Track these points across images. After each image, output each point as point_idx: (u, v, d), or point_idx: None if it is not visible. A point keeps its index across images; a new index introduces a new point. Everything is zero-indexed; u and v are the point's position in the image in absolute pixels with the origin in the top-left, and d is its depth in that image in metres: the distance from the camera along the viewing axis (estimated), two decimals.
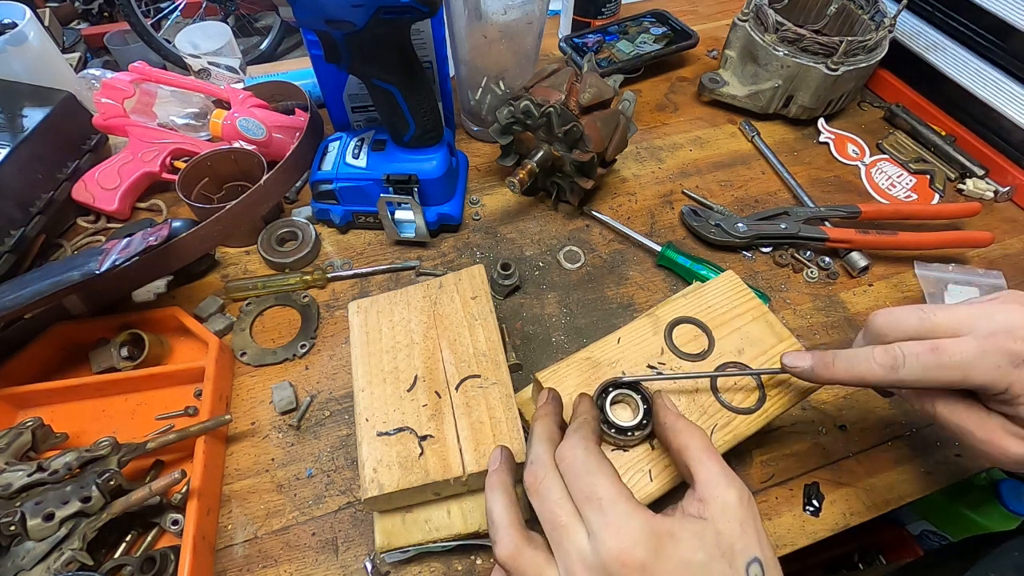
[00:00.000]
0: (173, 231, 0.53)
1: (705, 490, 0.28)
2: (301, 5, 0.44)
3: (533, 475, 0.30)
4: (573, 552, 0.27)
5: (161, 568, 0.39)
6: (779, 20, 0.67)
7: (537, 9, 0.58)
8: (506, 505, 0.31)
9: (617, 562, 0.26)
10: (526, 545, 0.29)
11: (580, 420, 0.33)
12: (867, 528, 0.46)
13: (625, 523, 0.26)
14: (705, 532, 0.27)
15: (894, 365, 0.32)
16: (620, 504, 0.27)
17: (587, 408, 0.34)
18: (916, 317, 0.33)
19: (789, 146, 0.72)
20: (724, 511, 0.27)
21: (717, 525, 0.27)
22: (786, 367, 0.36)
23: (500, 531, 0.30)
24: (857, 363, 0.33)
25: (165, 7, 2.21)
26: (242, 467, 0.47)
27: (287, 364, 0.52)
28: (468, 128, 0.72)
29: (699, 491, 0.29)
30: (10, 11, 0.65)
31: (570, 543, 0.27)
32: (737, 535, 0.27)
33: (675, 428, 0.32)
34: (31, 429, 0.44)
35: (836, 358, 0.34)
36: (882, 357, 0.32)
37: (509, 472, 0.34)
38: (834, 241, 0.59)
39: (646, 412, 0.36)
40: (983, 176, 0.68)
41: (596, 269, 0.59)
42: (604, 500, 0.27)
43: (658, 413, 0.34)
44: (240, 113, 0.62)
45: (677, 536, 0.27)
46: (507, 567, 0.29)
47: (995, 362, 0.30)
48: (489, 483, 0.33)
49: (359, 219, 0.61)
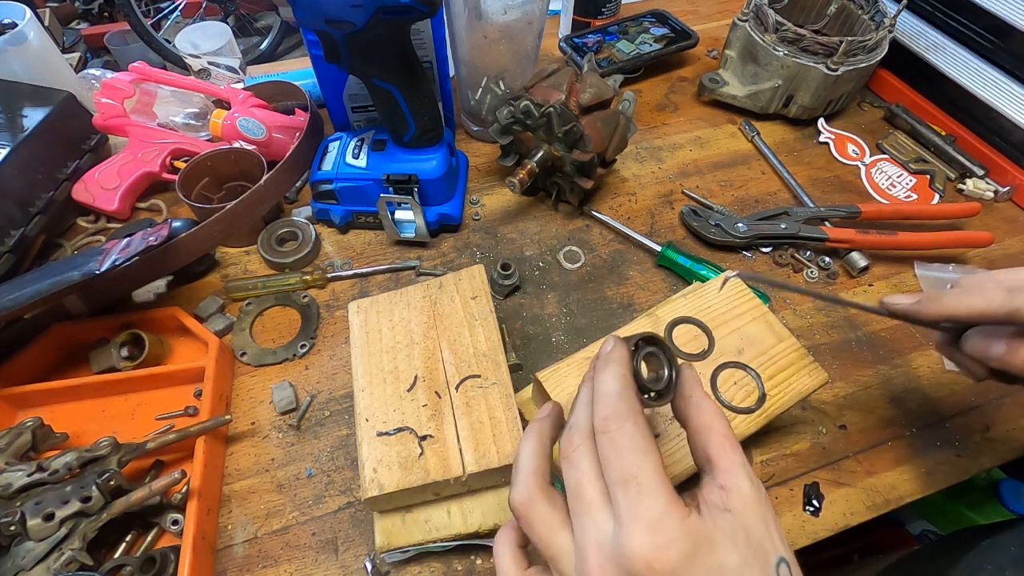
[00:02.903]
0: (173, 231, 0.53)
1: (727, 478, 0.26)
2: (301, 5, 0.44)
3: (570, 441, 0.27)
4: (592, 533, 0.24)
5: (161, 568, 0.39)
6: (779, 20, 0.67)
7: (537, 9, 0.58)
8: (535, 452, 0.29)
9: (644, 561, 0.23)
10: (543, 499, 0.27)
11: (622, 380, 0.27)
12: (867, 528, 0.46)
13: (661, 518, 0.23)
14: (736, 531, 0.24)
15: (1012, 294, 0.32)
16: (660, 495, 0.24)
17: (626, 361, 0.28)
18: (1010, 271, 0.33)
19: (789, 146, 0.72)
20: (746, 504, 0.25)
21: (744, 521, 0.25)
22: (888, 306, 0.36)
23: (520, 475, 0.28)
24: (970, 294, 0.33)
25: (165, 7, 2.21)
26: (242, 467, 0.47)
27: (287, 364, 0.52)
28: (468, 128, 0.72)
29: (720, 478, 0.26)
30: (10, 11, 0.65)
31: (592, 523, 0.25)
32: (764, 534, 0.25)
33: (700, 405, 0.28)
34: (31, 429, 0.44)
35: (945, 295, 0.34)
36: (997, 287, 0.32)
37: (553, 426, 0.31)
38: (834, 241, 0.59)
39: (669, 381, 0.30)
40: (983, 176, 0.68)
41: (596, 269, 0.59)
42: (644, 486, 0.24)
43: (684, 384, 0.29)
44: (240, 113, 0.62)
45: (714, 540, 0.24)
46: (517, 514, 0.28)
47: None
48: (527, 430, 0.30)
49: (359, 219, 0.61)
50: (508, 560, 0.29)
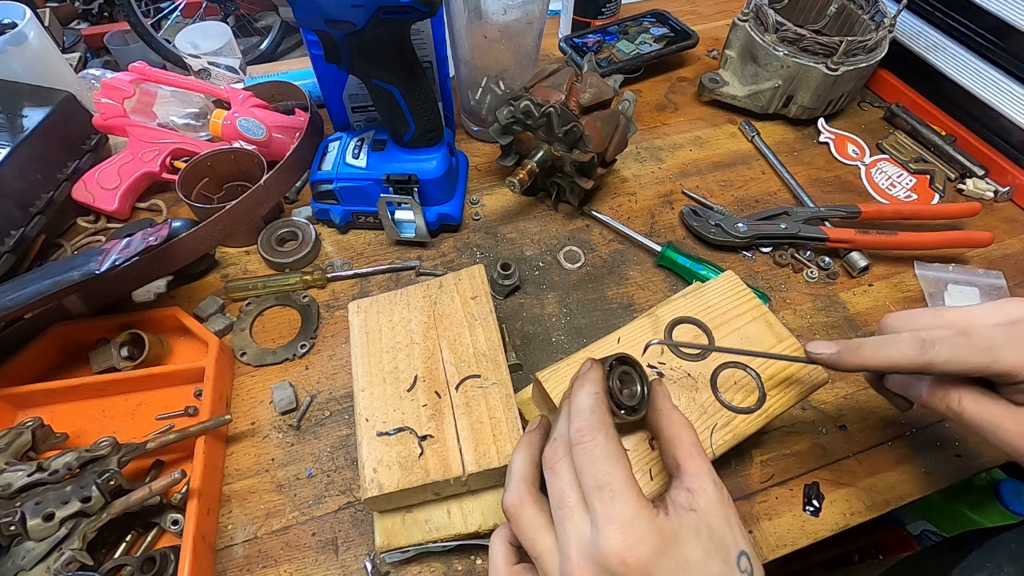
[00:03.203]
0: (173, 231, 0.53)
1: (693, 481, 0.29)
2: (301, 5, 0.44)
3: (554, 452, 0.30)
4: (573, 536, 0.27)
5: (161, 568, 0.39)
6: (779, 20, 0.67)
7: (537, 9, 0.58)
8: (526, 461, 0.32)
9: (618, 558, 0.25)
10: (532, 502, 0.30)
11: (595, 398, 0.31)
12: (867, 528, 0.46)
13: (632, 520, 0.26)
14: (700, 528, 0.27)
15: (924, 347, 0.32)
16: (630, 499, 0.27)
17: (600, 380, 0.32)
18: (930, 314, 0.34)
19: (789, 146, 0.72)
20: (710, 504, 0.28)
21: (708, 520, 0.28)
22: (811, 355, 0.36)
23: (512, 481, 0.31)
24: (885, 346, 0.33)
25: (165, 7, 2.21)
26: (242, 467, 0.47)
27: (287, 364, 0.52)
28: (468, 128, 0.72)
29: (687, 481, 0.29)
30: (10, 11, 0.65)
31: (572, 527, 0.27)
32: (726, 530, 0.28)
33: (671, 417, 0.32)
34: (31, 429, 0.44)
35: (863, 344, 0.34)
36: (911, 340, 0.32)
37: (542, 437, 0.34)
38: (834, 241, 0.59)
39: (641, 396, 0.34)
40: (983, 176, 0.68)
41: (596, 269, 0.59)
42: (616, 492, 0.27)
43: (656, 399, 0.34)
44: (240, 113, 0.62)
45: (680, 537, 0.27)
46: (508, 515, 0.31)
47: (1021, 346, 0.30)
48: (519, 441, 0.34)
49: (359, 219, 0.61)
50: (500, 556, 0.32)
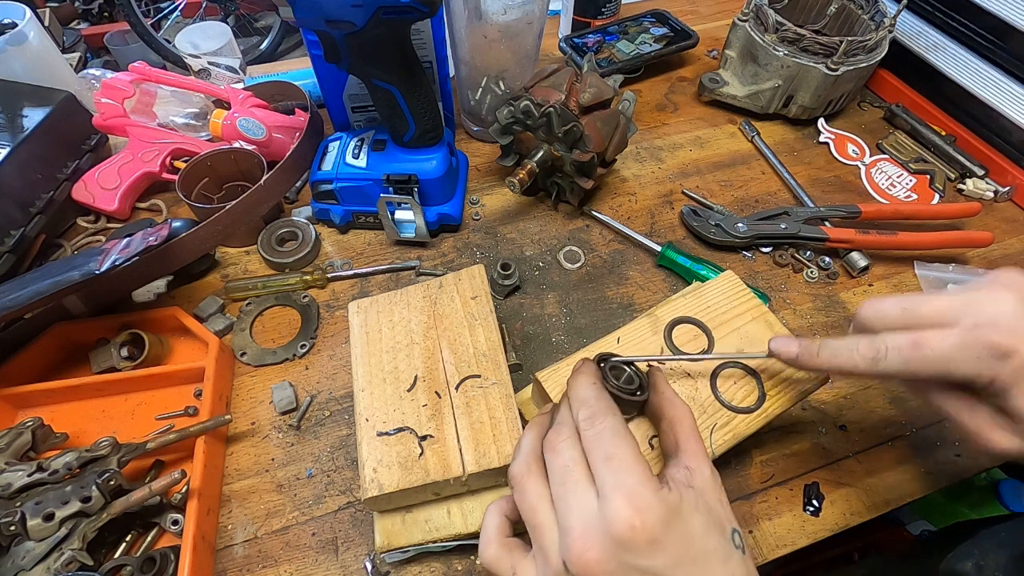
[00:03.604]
0: (173, 231, 0.53)
1: (692, 460, 0.30)
2: (301, 5, 0.44)
3: (558, 433, 0.30)
4: (576, 508, 0.27)
5: (161, 568, 0.39)
6: (779, 20, 0.67)
7: (537, 9, 0.58)
8: (536, 436, 0.32)
9: (626, 524, 0.25)
10: (539, 473, 0.30)
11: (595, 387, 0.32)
12: (867, 528, 0.46)
13: (640, 489, 0.26)
14: (699, 504, 0.28)
15: (875, 357, 0.32)
16: (638, 470, 0.27)
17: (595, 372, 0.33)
18: (899, 308, 0.33)
19: (789, 146, 0.72)
20: (706, 483, 0.29)
21: (705, 497, 0.29)
22: (772, 351, 0.37)
23: (521, 452, 0.32)
24: (840, 353, 0.34)
25: (165, 7, 2.21)
26: (242, 467, 0.47)
27: (287, 364, 0.52)
28: (468, 128, 0.72)
29: (685, 460, 0.30)
30: (10, 11, 0.65)
31: (576, 500, 0.27)
32: (720, 509, 0.29)
33: (673, 400, 0.33)
34: (31, 429, 0.44)
35: (822, 347, 0.34)
36: (865, 349, 0.33)
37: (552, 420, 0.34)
38: (834, 241, 0.59)
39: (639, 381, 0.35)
40: (983, 176, 0.68)
41: (596, 269, 0.59)
42: (624, 462, 0.27)
43: (657, 383, 0.35)
44: (240, 113, 0.62)
45: (682, 510, 0.27)
46: (513, 483, 0.31)
47: (976, 355, 0.30)
48: (529, 423, 0.34)
49: (359, 219, 0.61)
50: (493, 527, 0.32)
